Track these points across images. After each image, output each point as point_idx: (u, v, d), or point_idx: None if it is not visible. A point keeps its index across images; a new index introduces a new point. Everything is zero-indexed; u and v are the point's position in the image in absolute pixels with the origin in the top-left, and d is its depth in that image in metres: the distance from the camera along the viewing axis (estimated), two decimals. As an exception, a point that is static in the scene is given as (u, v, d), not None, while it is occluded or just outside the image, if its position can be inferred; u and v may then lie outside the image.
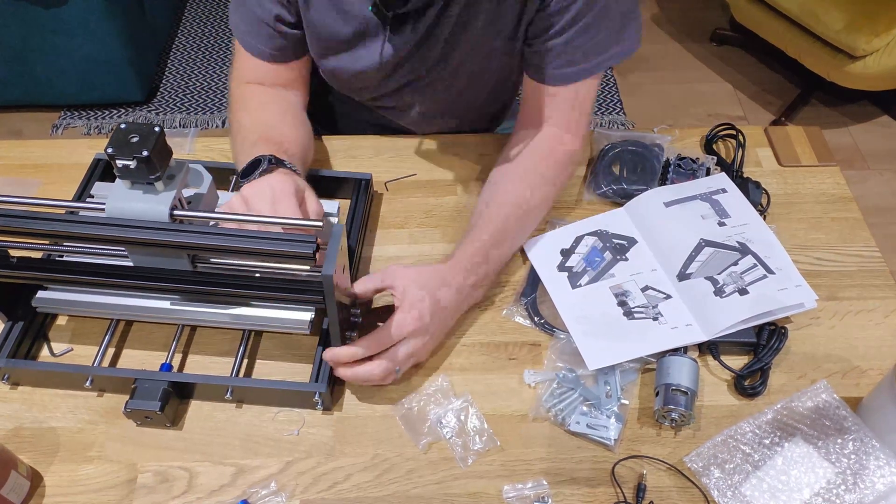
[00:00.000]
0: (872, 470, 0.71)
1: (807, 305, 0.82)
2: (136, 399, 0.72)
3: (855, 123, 2.33)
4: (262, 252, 0.65)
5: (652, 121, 2.31)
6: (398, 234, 0.93)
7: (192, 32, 2.58)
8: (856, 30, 1.95)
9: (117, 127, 0.65)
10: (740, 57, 2.55)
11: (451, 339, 0.83)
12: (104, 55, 2.06)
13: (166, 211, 0.67)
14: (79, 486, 0.72)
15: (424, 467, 0.73)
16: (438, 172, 1.00)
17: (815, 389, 0.77)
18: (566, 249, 0.89)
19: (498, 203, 0.86)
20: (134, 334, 0.83)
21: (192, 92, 2.37)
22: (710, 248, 0.87)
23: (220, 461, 0.73)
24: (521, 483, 0.72)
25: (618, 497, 0.71)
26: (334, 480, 0.72)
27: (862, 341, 0.83)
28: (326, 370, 0.75)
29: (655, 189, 0.94)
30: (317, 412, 0.77)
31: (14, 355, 0.77)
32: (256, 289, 0.72)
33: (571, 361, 0.79)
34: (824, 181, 1.00)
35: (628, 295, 0.84)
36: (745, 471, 0.72)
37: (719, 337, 0.80)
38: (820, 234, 0.94)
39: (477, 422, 0.76)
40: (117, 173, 0.66)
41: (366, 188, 0.92)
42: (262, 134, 0.83)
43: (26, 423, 0.76)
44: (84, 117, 2.26)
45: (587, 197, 0.97)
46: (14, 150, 1.01)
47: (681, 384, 0.74)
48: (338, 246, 0.63)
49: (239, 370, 0.78)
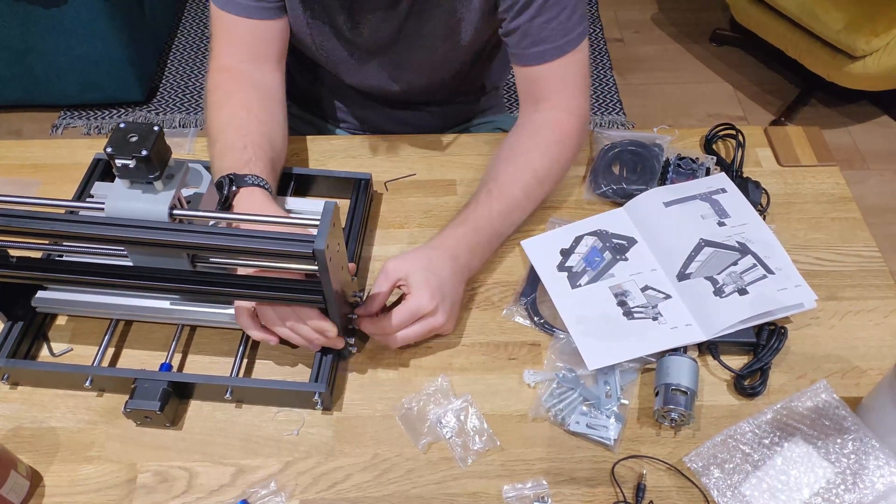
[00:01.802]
0: (872, 470, 0.71)
1: (806, 305, 0.82)
2: (135, 399, 0.72)
3: (855, 123, 2.33)
4: (262, 252, 0.65)
5: (652, 121, 2.31)
6: (398, 234, 0.93)
7: (192, 32, 2.58)
8: (855, 30, 1.95)
9: (116, 126, 0.65)
10: (740, 57, 2.55)
11: (451, 338, 0.83)
12: (104, 55, 2.06)
13: (166, 210, 0.67)
14: (78, 486, 0.72)
15: (424, 467, 0.73)
16: (438, 172, 1.00)
17: (815, 389, 0.77)
18: (566, 249, 0.89)
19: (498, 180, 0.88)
20: (134, 334, 0.83)
21: (192, 92, 2.37)
22: (709, 247, 0.87)
23: (219, 461, 0.73)
24: (521, 483, 0.72)
25: (617, 497, 0.71)
26: (334, 480, 0.72)
27: (861, 341, 0.83)
28: (326, 370, 0.75)
29: (655, 189, 0.94)
30: (316, 412, 0.77)
31: (14, 355, 0.77)
32: (256, 289, 0.72)
33: (571, 361, 0.79)
34: (824, 181, 1.00)
35: (628, 295, 0.84)
36: (745, 471, 0.72)
37: (719, 337, 0.80)
38: (819, 234, 0.94)
39: (477, 422, 0.76)
40: (116, 173, 0.66)
41: (365, 188, 0.92)
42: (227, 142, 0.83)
43: (26, 423, 0.76)
44: (84, 117, 2.26)
45: (587, 197, 0.97)
46: (14, 150, 1.01)
47: (680, 384, 0.74)
48: (329, 221, 0.63)
49: (239, 370, 0.78)
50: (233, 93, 0.88)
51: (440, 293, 0.77)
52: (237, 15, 0.89)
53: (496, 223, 0.86)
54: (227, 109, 0.87)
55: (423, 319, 0.77)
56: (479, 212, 0.85)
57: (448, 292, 0.78)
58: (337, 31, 0.94)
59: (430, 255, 0.80)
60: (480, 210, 0.85)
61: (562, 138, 0.91)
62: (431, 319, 0.77)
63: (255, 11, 0.89)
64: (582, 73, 0.92)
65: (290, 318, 0.73)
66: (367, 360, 0.81)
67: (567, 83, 0.91)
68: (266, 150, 0.84)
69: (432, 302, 0.76)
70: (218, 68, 0.91)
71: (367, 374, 0.80)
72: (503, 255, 0.91)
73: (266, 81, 0.92)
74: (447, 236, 0.83)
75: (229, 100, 0.88)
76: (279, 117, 0.92)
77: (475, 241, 0.84)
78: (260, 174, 0.80)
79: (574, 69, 0.91)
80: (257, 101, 0.89)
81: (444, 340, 0.82)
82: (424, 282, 0.76)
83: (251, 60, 0.91)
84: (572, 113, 0.92)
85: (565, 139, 0.92)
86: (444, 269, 0.79)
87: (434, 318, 0.77)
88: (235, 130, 0.84)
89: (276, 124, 0.90)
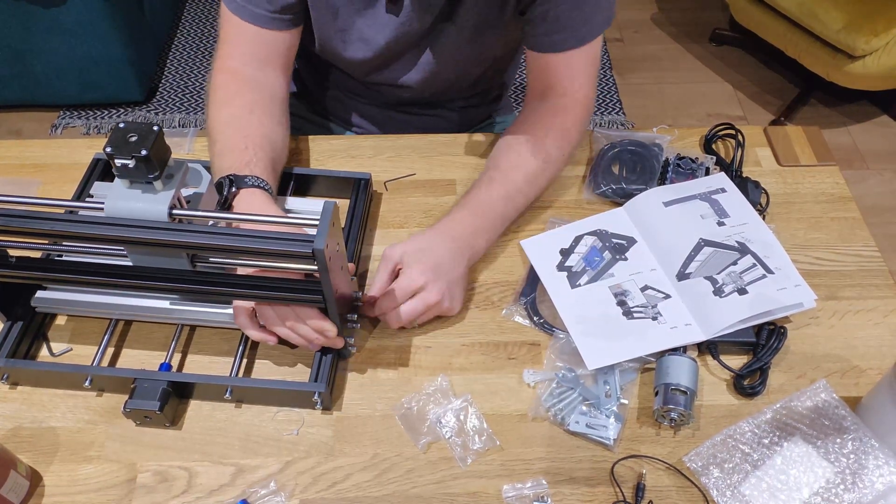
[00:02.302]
0: (871, 469, 0.71)
1: (806, 305, 0.82)
2: (135, 399, 0.72)
3: (854, 123, 2.33)
4: (262, 252, 0.65)
5: (651, 121, 2.31)
6: (398, 234, 0.93)
7: (192, 32, 2.58)
8: (855, 30, 1.95)
9: (116, 126, 0.65)
10: (740, 57, 2.55)
11: (451, 338, 0.83)
12: (104, 55, 2.05)
13: (165, 210, 0.67)
14: (78, 485, 0.72)
15: (424, 467, 0.73)
16: (437, 172, 1.00)
17: (815, 389, 0.77)
18: (565, 249, 0.89)
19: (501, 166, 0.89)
20: (133, 334, 0.83)
21: (192, 92, 2.37)
22: (709, 247, 0.87)
23: (219, 461, 0.73)
24: (521, 483, 0.72)
25: (617, 496, 0.71)
26: (334, 480, 0.72)
27: (861, 341, 0.83)
28: (326, 370, 0.75)
29: (655, 189, 0.94)
30: (316, 412, 0.77)
31: (13, 355, 0.77)
32: (256, 289, 0.72)
33: (571, 361, 0.79)
34: (823, 181, 1.00)
35: (627, 294, 0.84)
36: (745, 470, 0.72)
37: (718, 336, 0.80)
38: (819, 234, 0.94)
39: (476, 421, 0.76)
40: (116, 173, 0.66)
41: (365, 188, 0.92)
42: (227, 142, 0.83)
43: (25, 423, 0.76)
44: (83, 117, 2.26)
45: (586, 196, 0.97)
46: (13, 150, 1.01)
47: (680, 384, 0.74)
48: (329, 221, 0.63)
49: (238, 370, 0.78)
50: (235, 93, 0.88)
51: (433, 271, 0.79)
52: (248, 21, 0.89)
53: (498, 206, 0.87)
54: (228, 109, 0.87)
55: (417, 296, 0.78)
56: (480, 196, 0.87)
57: (445, 271, 0.80)
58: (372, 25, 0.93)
59: (428, 237, 0.82)
60: (481, 195, 0.87)
61: (567, 126, 0.92)
62: (425, 294, 0.78)
63: (267, 21, 0.89)
64: (595, 64, 0.93)
65: (290, 318, 0.73)
66: (367, 360, 0.81)
67: (580, 73, 0.92)
68: (267, 150, 0.84)
69: (422, 277, 0.78)
70: (222, 68, 0.91)
71: (367, 373, 0.80)
72: (503, 255, 0.91)
73: (269, 83, 0.92)
74: (447, 220, 0.85)
75: (232, 100, 0.88)
76: (281, 119, 0.92)
77: (477, 223, 0.85)
78: (260, 175, 0.80)
79: (589, 59, 0.92)
80: (260, 102, 0.89)
81: (443, 340, 0.82)
82: (416, 260, 0.79)
83: (256, 64, 0.91)
84: (579, 102, 0.93)
85: (570, 127, 0.93)
86: (440, 248, 0.81)
87: (427, 293, 0.78)
88: (237, 131, 0.85)
89: (278, 125, 0.90)
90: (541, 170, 0.90)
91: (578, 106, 0.93)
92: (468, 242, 0.84)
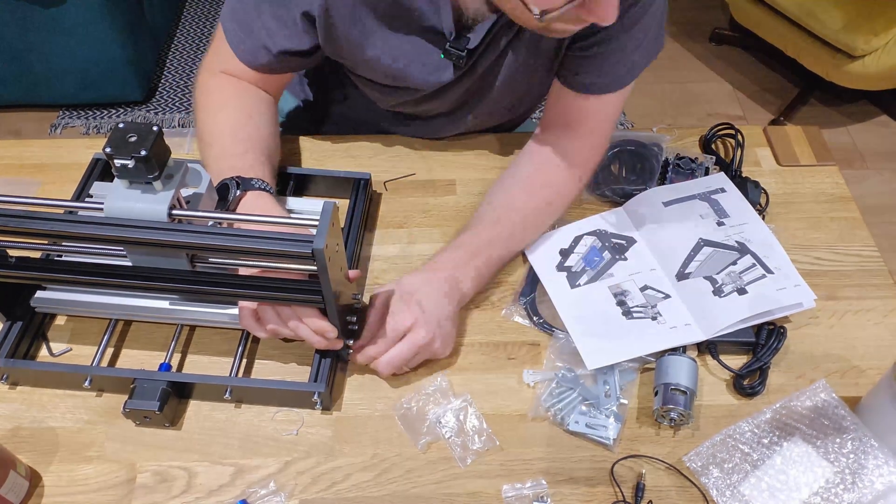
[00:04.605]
0: (871, 469, 0.71)
1: (805, 305, 0.82)
2: (134, 399, 0.72)
3: (854, 123, 2.33)
4: (261, 252, 0.65)
5: (651, 120, 2.31)
6: (397, 234, 0.93)
7: (191, 32, 2.58)
8: (855, 29, 1.95)
9: (115, 126, 0.65)
10: (740, 57, 2.55)
11: (450, 338, 0.83)
12: (103, 55, 2.05)
13: (165, 210, 0.67)
14: (78, 485, 0.72)
15: (423, 467, 0.73)
16: (437, 172, 1.00)
17: (814, 389, 0.77)
18: (565, 249, 0.89)
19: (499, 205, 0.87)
20: (133, 334, 0.83)
21: (191, 92, 2.36)
22: (708, 247, 0.87)
23: (219, 461, 0.73)
24: (520, 483, 0.72)
25: (617, 496, 0.71)
26: (333, 480, 0.72)
27: (861, 341, 0.83)
28: (325, 370, 0.75)
29: (654, 189, 0.94)
30: (316, 412, 0.77)
31: (13, 355, 0.77)
32: (255, 289, 0.72)
33: (570, 361, 0.79)
34: (823, 181, 1.00)
35: (627, 294, 0.84)
36: (744, 470, 0.72)
37: (718, 336, 0.80)
38: (819, 234, 0.94)
39: (476, 421, 0.76)
40: (115, 173, 0.66)
41: (365, 188, 0.92)
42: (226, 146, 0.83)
43: (25, 423, 0.76)
44: (83, 117, 2.26)
45: (586, 197, 0.97)
46: (13, 150, 1.01)
47: (680, 384, 0.74)
48: (328, 221, 0.63)
49: (238, 370, 0.78)
50: (231, 97, 0.88)
51: (420, 309, 0.76)
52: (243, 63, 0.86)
53: (497, 249, 0.85)
54: (225, 113, 0.86)
55: (406, 337, 0.75)
56: (481, 236, 0.84)
57: (433, 311, 0.76)
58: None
59: (420, 278, 0.79)
60: (482, 235, 0.84)
61: (577, 172, 0.90)
62: (412, 335, 0.75)
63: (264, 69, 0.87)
64: (619, 111, 0.91)
65: (291, 319, 0.73)
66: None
67: (612, 115, 0.90)
68: (266, 154, 0.85)
69: (410, 317, 0.75)
70: (212, 71, 0.89)
71: (367, 373, 0.79)
72: (502, 255, 0.90)
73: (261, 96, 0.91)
74: (441, 259, 0.82)
75: (227, 103, 0.87)
76: (275, 122, 0.92)
77: (472, 265, 0.82)
78: (263, 178, 0.80)
79: (617, 107, 0.89)
80: (255, 106, 0.88)
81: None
82: (402, 300, 0.76)
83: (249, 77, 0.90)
84: (594, 147, 0.91)
85: (582, 173, 0.91)
86: (430, 289, 0.78)
87: (415, 333, 0.75)
88: (236, 134, 0.84)
89: (273, 127, 0.90)
90: (548, 214, 0.88)
91: (593, 151, 0.91)
92: (460, 286, 0.81)
